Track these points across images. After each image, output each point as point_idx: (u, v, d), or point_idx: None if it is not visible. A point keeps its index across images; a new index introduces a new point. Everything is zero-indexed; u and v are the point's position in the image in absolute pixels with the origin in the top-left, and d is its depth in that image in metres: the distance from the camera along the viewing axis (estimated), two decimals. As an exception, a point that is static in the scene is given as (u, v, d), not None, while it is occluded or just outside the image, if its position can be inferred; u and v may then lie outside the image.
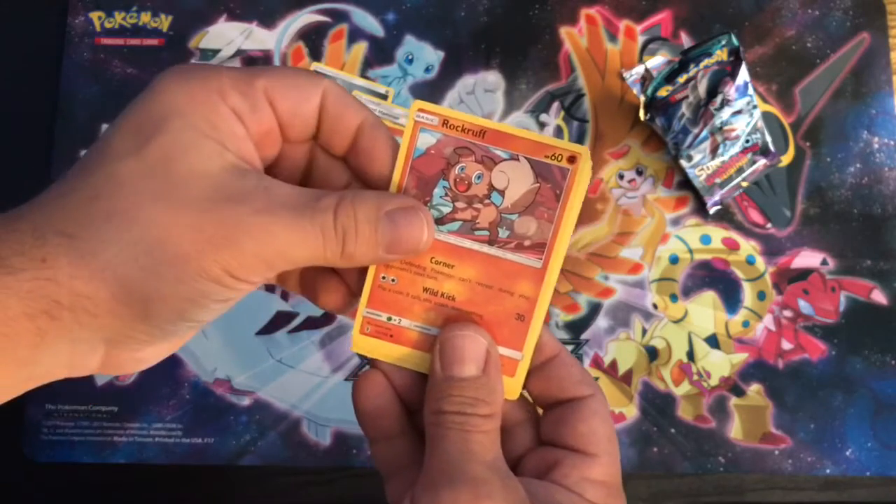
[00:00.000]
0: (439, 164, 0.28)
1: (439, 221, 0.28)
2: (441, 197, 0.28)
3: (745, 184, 0.57)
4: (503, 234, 0.28)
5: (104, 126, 0.59)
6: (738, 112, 0.55)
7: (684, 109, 0.55)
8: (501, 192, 0.28)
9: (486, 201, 0.28)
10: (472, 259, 0.28)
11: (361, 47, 0.60)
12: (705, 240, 0.57)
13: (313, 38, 0.60)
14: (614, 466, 0.28)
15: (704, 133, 0.55)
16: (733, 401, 0.55)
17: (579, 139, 0.58)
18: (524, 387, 0.29)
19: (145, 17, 0.60)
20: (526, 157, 0.27)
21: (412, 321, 0.28)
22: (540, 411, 0.30)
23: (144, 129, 0.24)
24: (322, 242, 0.24)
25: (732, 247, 0.57)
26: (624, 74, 0.59)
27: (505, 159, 0.28)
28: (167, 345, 0.27)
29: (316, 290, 0.29)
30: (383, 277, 0.28)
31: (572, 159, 0.27)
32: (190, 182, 0.23)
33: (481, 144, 0.28)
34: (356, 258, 0.25)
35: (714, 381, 0.55)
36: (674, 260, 0.57)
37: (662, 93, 0.56)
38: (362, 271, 0.28)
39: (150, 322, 0.24)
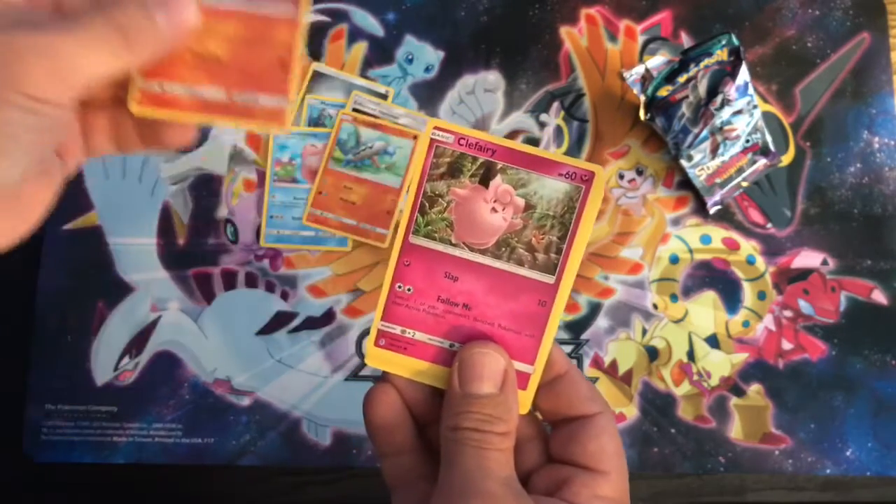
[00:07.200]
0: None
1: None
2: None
3: (745, 184, 0.57)
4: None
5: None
6: (739, 112, 0.55)
7: (684, 109, 0.55)
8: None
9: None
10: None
11: (361, 47, 0.60)
12: (705, 240, 0.57)
13: (313, 38, 0.60)
14: (623, 483, 0.28)
15: (704, 133, 0.55)
16: (733, 401, 0.55)
17: (579, 139, 0.58)
18: (533, 403, 0.29)
19: (145, 17, 0.60)
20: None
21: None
22: (548, 428, 0.30)
23: None
24: (104, 42, 0.24)
25: (732, 247, 0.57)
26: (624, 74, 0.59)
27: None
28: (6, 207, 0.26)
29: (158, 132, 0.29)
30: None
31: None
32: None
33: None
34: (142, 47, 0.25)
35: (714, 381, 0.55)
36: (674, 260, 0.57)
37: (662, 93, 0.56)
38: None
39: None
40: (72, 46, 0.24)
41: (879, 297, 0.57)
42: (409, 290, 0.29)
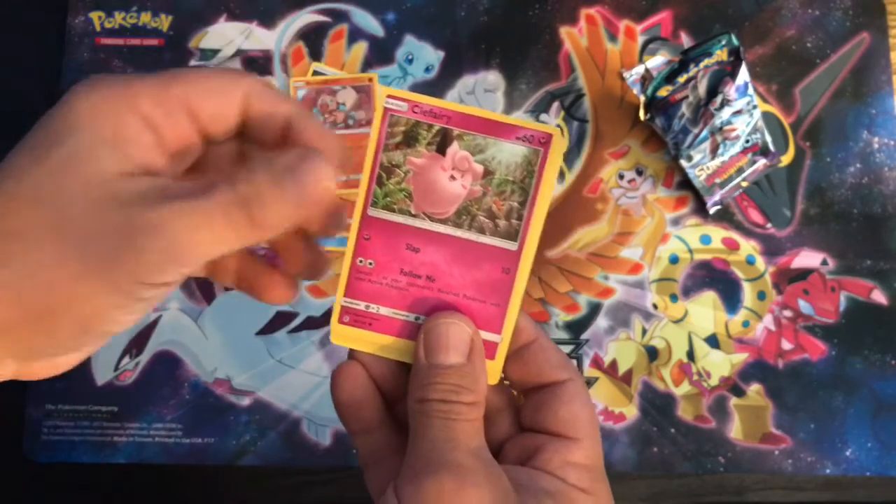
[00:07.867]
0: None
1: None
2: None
3: (745, 184, 0.57)
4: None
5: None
6: (738, 112, 0.55)
7: (684, 109, 0.55)
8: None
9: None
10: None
11: (361, 47, 0.60)
12: (705, 240, 0.57)
13: (313, 38, 0.60)
14: (596, 449, 0.28)
15: (704, 133, 0.55)
16: (733, 401, 0.55)
17: (579, 139, 0.58)
18: (503, 372, 0.29)
19: (145, 17, 0.60)
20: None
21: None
22: (518, 396, 0.30)
23: (44, 143, 0.23)
24: (226, 220, 0.22)
25: (732, 247, 0.57)
26: (624, 74, 0.59)
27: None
28: (81, 353, 0.26)
29: (257, 285, 0.29)
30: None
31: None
32: (84, 193, 0.22)
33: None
34: (269, 223, 0.23)
35: (714, 381, 0.55)
36: (674, 260, 0.57)
37: (662, 93, 0.56)
38: (308, 255, 0.29)
39: (55, 338, 0.23)
40: (188, 225, 0.21)
41: (879, 297, 0.57)
42: (370, 264, 0.28)
